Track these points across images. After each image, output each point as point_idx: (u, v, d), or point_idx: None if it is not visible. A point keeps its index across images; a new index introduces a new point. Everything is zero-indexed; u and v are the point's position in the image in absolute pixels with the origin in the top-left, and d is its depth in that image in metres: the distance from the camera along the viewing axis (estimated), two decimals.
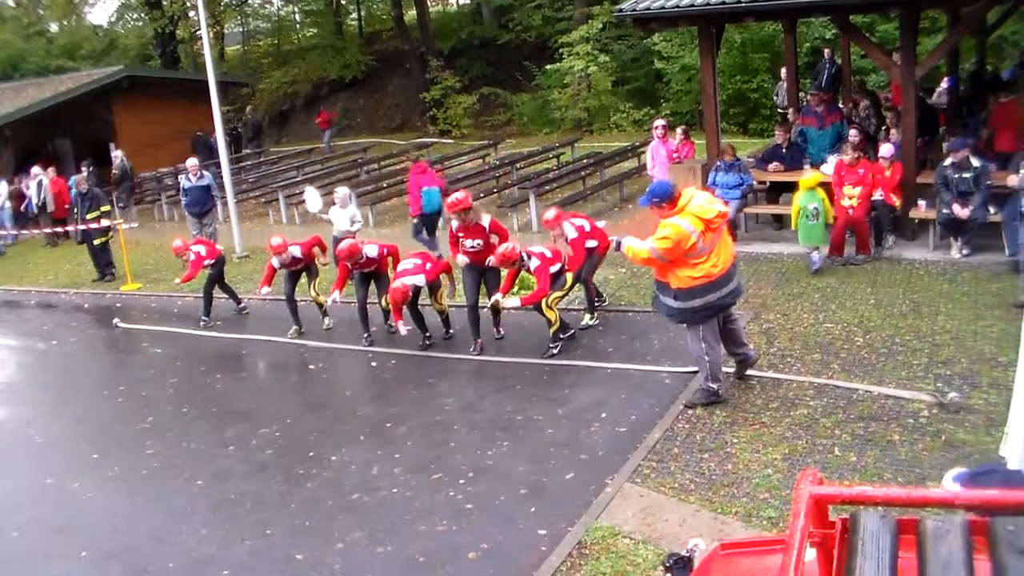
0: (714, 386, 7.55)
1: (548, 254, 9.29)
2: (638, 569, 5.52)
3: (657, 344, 9.28)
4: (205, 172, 16.14)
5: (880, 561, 1.81)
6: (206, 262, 11.92)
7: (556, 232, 9.72)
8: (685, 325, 7.51)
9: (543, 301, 9.11)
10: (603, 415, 7.77)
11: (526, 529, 6.17)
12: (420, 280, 9.68)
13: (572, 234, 9.63)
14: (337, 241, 11.19)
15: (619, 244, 7.54)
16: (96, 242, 15.50)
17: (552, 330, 9.25)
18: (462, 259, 9.66)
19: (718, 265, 7.21)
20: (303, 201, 14.77)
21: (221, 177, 16.60)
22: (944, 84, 16.39)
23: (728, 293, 7.33)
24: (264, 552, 6.34)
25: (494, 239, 9.61)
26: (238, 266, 14.90)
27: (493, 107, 28.25)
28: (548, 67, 25.27)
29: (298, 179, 20.31)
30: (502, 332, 9.98)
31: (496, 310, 9.77)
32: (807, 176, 10.95)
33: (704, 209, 7.15)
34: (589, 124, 24.99)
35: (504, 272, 9.56)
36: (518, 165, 18.92)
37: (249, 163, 24.36)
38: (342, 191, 12.72)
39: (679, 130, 14.60)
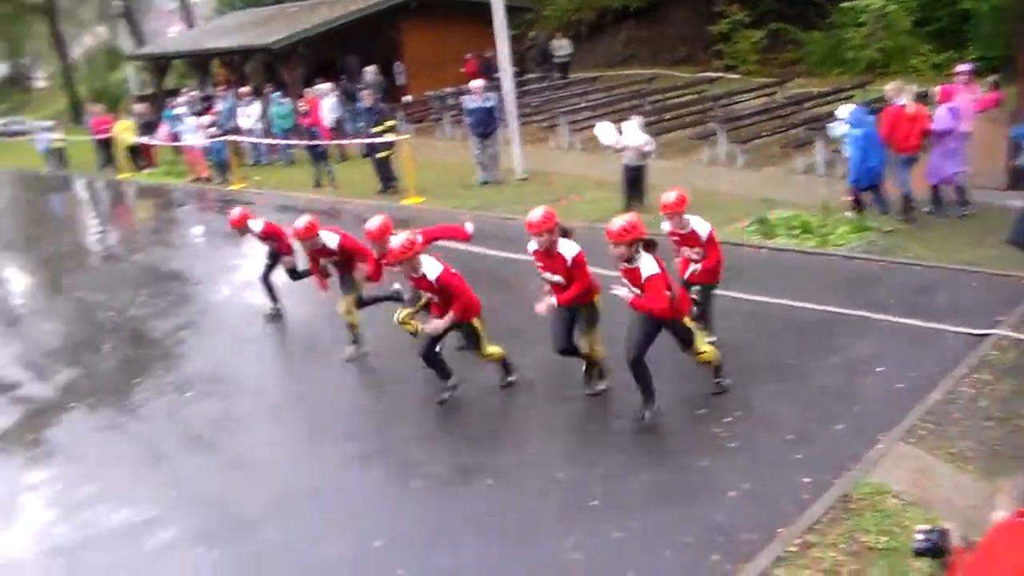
0: None
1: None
2: (905, 532, 5.28)
3: (944, 301, 8.71)
4: (490, 94, 16.53)
5: None
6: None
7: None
8: None
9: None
10: (879, 369, 7.42)
11: (789, 475, 6.05)
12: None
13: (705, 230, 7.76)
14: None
15: None
16: (379, 156, 16.42)
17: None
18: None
19: None
20: (585, 128, 14.81)
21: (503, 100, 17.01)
22: None
23: None
24: (524, 465, 6.62)
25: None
26: (517, 188, 15.33)
27: (782, 44, 26.95)
28: (843, 4, 23.77)
29: (581, 106, 20.45)
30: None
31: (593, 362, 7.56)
32: None
33: None
34: (884, 66, 23.32)
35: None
36: (806, 105, 18.06)
37: (533, 87, 24.69)
38: (633, 121, 12.87)
39: (989, 79, 13.23)
